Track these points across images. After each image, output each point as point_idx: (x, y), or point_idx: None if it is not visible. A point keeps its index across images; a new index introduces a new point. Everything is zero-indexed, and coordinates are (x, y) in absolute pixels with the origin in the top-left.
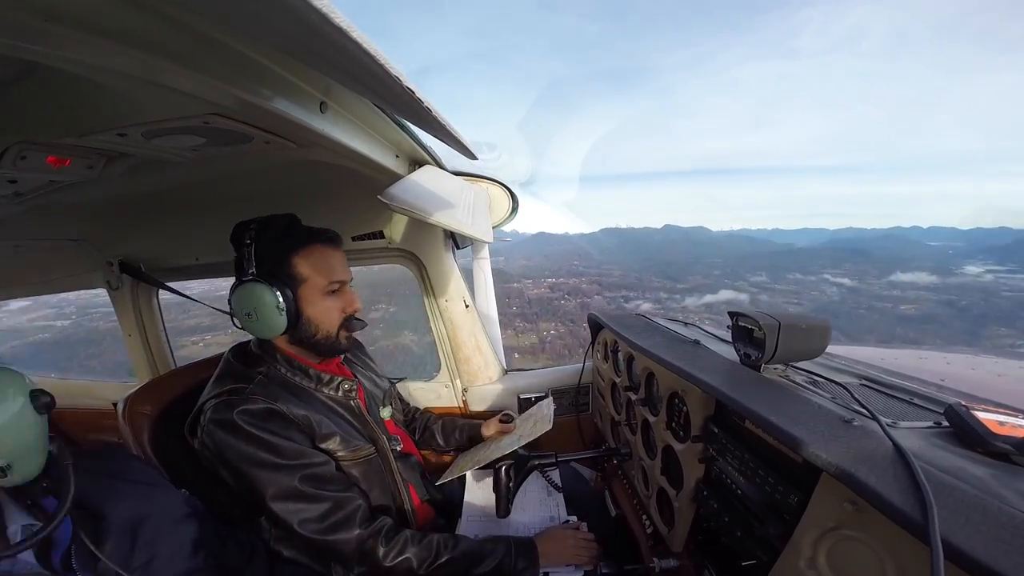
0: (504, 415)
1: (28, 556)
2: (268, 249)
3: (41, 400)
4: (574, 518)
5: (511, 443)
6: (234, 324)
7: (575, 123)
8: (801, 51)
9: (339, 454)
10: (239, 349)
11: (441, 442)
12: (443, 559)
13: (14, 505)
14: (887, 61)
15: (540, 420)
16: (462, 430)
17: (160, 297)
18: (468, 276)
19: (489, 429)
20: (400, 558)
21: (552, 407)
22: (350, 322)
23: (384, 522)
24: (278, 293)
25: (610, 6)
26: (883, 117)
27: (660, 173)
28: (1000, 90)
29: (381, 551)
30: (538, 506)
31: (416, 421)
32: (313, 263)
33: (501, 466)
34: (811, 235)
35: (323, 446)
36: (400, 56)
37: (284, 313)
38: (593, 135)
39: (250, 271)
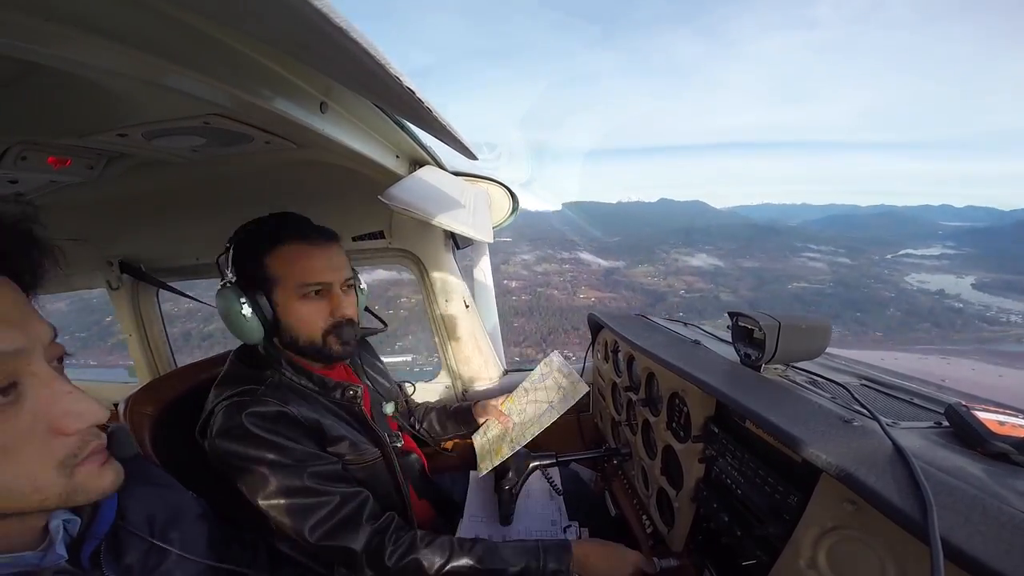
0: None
1: (60, 549)
2: (243, 251)
3: None
4: (575, 523)
5: (544, 413)
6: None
7: (579, 97)
8: (818, 20)
9: (347, 458)
10: (245, 350)
11: (438, 430)
12: (458, 563)
13: None
14: (911, 32)
15: (567, 381)
16: (454, 415)
17: (173, 302)
18: (468, 276)
19: (484, 411)
20: (407, 559)
21: (562, 359)
22: (340, 329)
23: (391, 518)
24: (243, 299)
25: None
26: (910, 91)
27: (660, 147)
28: None
29: (388, 550)
30: (539, 508)
31: (414, 414)
32: (284, 264)
33: (504, 483)
34: (810, 211)
35: (331, 450)
36: (400, 56)
37: (254, 320)
38: (597, 110)
39: (225, 275)
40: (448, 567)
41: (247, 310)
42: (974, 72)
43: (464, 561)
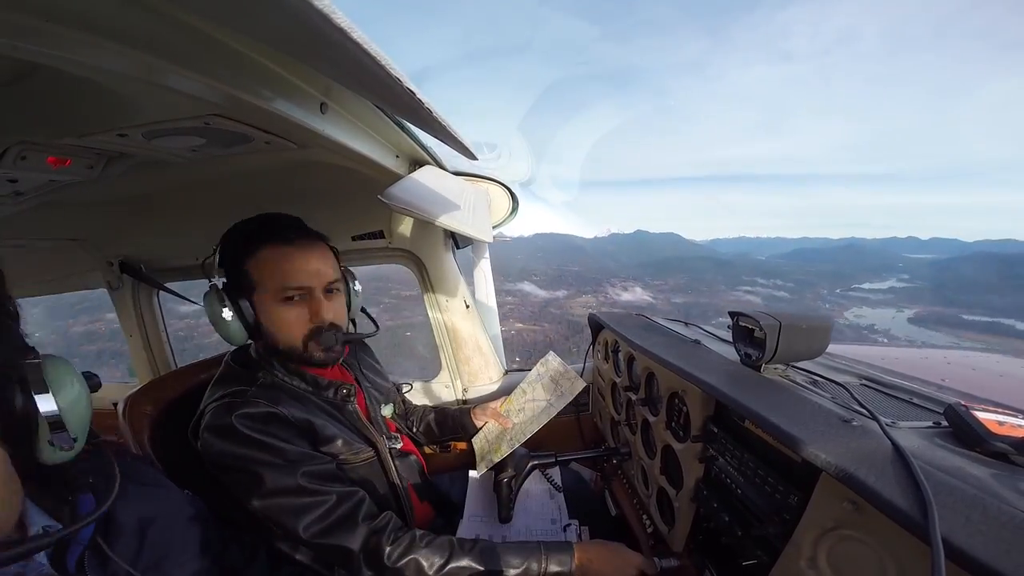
0: (502, 401)
1: (41, 557)
2: (226, 254)
3: (92, 381)
4: (575, 522)
5: (543, 411)
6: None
7: (561, 127)
8: (794, 55)
9: (341, 457)
10: (240, 352)
11: (437, 432)
12: (458, 563)
13: (36, 507)
14: (883, 63)
15: (564, 379)
16: (453, 417)
17: (162, 297)
18: (468, 276)
19: (484, 413)
20: (406, 559)
21: (559, 359)
22: (319, 334)
23: (389, 517)
24: (225, 303)
25: (601, 11)
26: (884, 124)
27: (635, 181)
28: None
29: (386, 550)
30: (539, 507)
31: (413, 416)
32: (262, 267)
33: (503, 477)
34: (785, 244)
35: (324, 449)
36: (400, 56)
37: (236, 323)
38: (579, 141)
39: (211, 278)
40: (448, 567)
41: (227, 314)
42: (940, 104)
43: (464, 561)
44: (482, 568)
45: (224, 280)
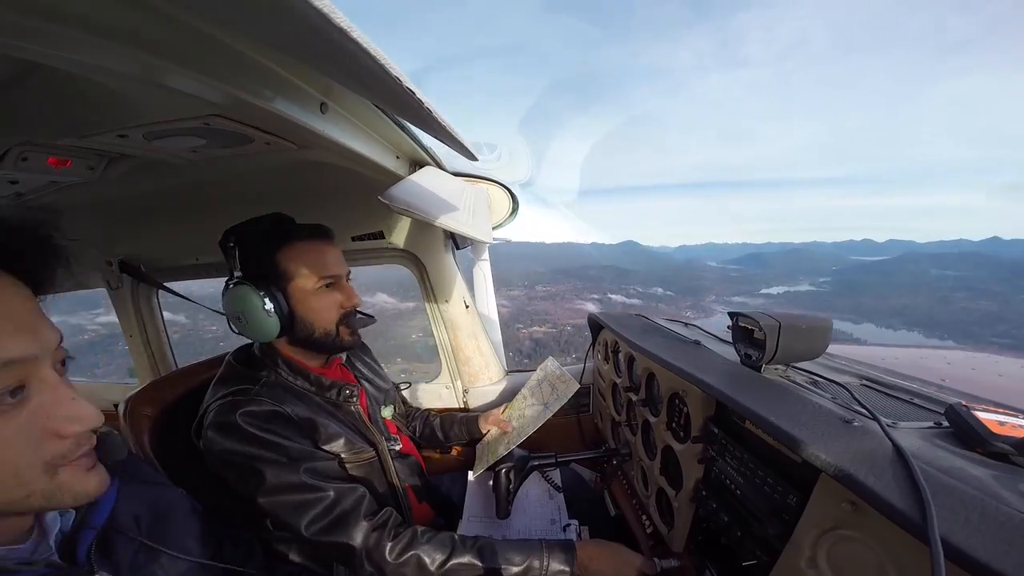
0: (504, 408)
1: (51, 541)
2: (252, 250)
3: None
4: (575, 521)
5: (539, 414)
6: (231, 328)
7: (520, 135)
8: (748, 60)
9: (342, 456)
10: (242, 351)
11: (441, 438)
12: (460, 559)
13: None
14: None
15: (560, 382)
16: (460, 424)
17: (163, 298)
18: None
19: (487, 421)
20: (407, 555)
21: (556, 363)
22: (350, 318)
23: (389, 513)
24: (263, 295)
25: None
26: (845, 128)
27: (595, 190)
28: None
29: (387, 546)
30: (539, 507)
31: (416, 419)
32: (299, 259)
33: (501, 468)
34: (740, 250)
35: (327, 448)
36: (400, 56)
37: (273, 315)
38: (543, 151)
39: (236, 274)
40: (450, 564)
41: (269, 305)
42: (898, 107)
43: (466, 558)
44: (484, 565)
45: (240, 275)
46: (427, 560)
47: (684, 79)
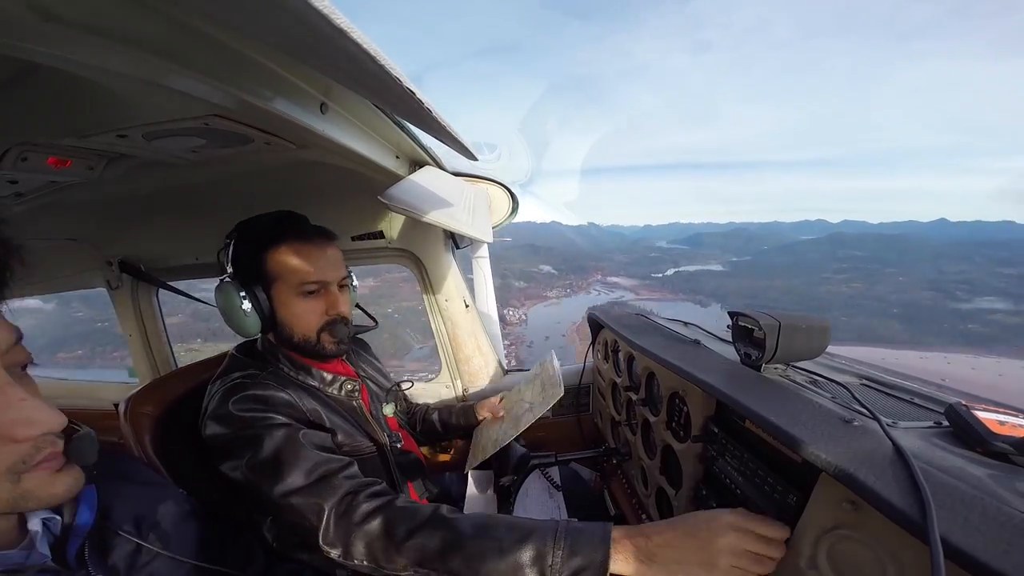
0: (502, 396)
1: (43, 548)
2: (244, 248)
3: None
4: (575, 521)
5: (525, 416)
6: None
7: (489, 116)
8: (711, 43)
9: (344, 449)
10: (244, 346)
11: (440, 430)
12: (429, 534)
13: None
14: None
15: (548, 384)
16: (458, 414)
17: (164, 298)
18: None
19: (483, 409)
20: (376, 519)
21: (557, 363)
22: (334, 326)
23: (377, 480)
24: (243, 294)
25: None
26: (810, 110)
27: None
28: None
29: (361, 507)
30: (538, 506)
31: (415, 415)
32: (285, 262)
33: (500, 466)
34: (701, 229)
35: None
36: (400, 56)
37: (252, 314)
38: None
39: (228, 269)
40: (416, 536)
41: (247, 305)
42: (858, 90)
43: (440, 534)
44: (474, 551)
45: (233, 272)
46: (399, 528)
47: (652, 60)
